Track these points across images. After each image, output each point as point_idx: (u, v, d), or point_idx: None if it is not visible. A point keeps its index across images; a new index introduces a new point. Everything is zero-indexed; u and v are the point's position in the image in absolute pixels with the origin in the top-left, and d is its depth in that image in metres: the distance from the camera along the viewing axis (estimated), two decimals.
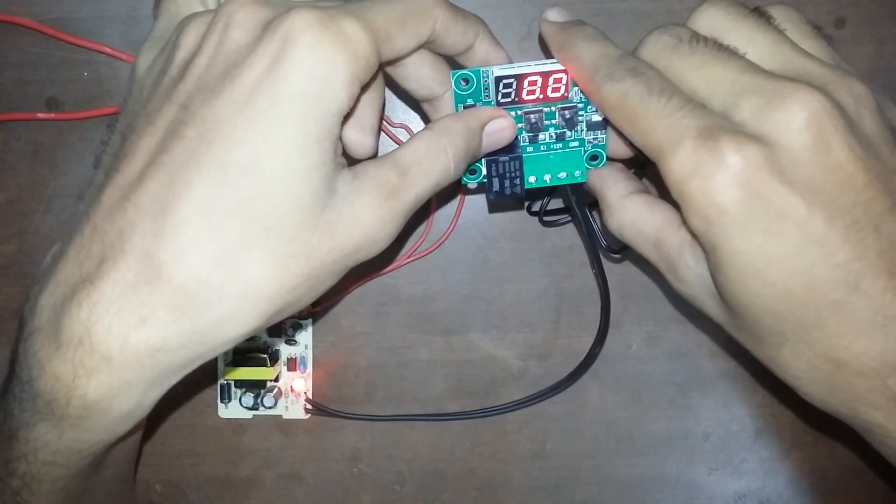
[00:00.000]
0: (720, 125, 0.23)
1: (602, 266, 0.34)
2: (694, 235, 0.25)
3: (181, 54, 0.24)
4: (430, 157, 0.26)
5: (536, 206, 0.36)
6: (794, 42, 0.25)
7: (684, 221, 0.25)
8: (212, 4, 0.28)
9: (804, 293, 0.23)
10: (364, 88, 0.24)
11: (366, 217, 0.24)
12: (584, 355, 0.37)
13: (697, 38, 0.25)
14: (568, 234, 0.38)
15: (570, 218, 0.36)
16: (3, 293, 0.38)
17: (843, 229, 0.23)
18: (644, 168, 0.33)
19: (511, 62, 0.29)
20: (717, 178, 0.22)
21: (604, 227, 0.31)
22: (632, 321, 0.38)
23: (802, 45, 0.25)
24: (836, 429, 0.38)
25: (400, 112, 0.37)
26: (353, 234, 0.24)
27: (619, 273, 0.38)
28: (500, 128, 0.29)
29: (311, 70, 0.22)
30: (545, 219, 0.36)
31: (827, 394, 0.25)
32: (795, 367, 0.25)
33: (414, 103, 0.36)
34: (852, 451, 0.38)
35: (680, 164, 0.23)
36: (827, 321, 0.23)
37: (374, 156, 0.27)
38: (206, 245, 0.22)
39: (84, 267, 0.22)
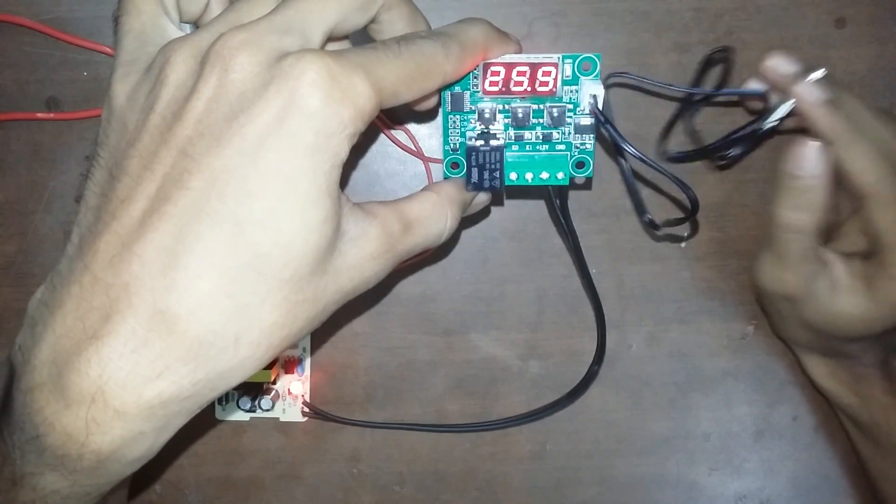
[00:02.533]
0: None
1: (593, 283, 0.34)
2: (872, 245, 0.31)
3: (169, 91, 0.23)
4: (432, 220, 0.28)
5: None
6: None
7: (867, 232, 0.31)
8: (174, 14, 0.27)
9: None
10: None
11: (367, 264, 0.25)
12: (584, 358, 0.37)
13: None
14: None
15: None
16: (2, 293, 0.38)
17: None
18: (693, 216, 0.32)
19: (521, 50, 0.29)
20: None
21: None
22: (632, 321, 0.38)
23: None
24: (837, 429, 0.38)
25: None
26: (353, 278, 0.25)
27: (619, 273, 0.38)
28: (482, 201, 0.31)
29: (321, 126, 0.22)
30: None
31: None
32: None
33: None
34: (853, 452, 0.38)
35: (886, 199, 0.30)
36: None
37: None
38: (222, 298, 0.22)
39: (87, 321, 0.22)
